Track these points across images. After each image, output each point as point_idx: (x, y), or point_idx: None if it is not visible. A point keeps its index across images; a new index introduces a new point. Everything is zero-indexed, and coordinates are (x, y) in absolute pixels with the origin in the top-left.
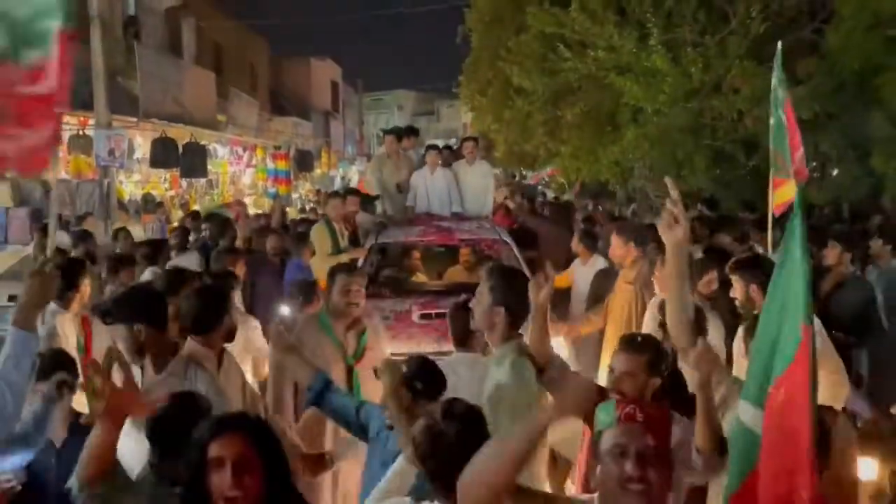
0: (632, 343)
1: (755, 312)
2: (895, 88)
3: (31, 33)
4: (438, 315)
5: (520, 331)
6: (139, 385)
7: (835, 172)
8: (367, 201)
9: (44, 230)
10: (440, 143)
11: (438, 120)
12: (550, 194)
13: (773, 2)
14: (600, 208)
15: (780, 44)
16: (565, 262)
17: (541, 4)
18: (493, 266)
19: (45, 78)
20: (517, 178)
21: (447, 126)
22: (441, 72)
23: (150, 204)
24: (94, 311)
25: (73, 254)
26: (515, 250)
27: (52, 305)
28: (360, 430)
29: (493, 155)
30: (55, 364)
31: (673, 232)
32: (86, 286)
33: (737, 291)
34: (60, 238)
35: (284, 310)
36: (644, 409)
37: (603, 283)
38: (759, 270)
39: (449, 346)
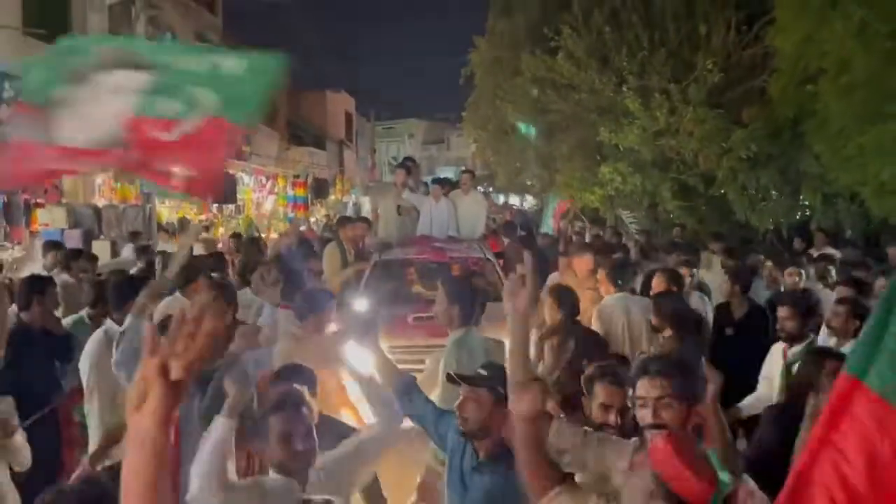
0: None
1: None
2: (819, 134)
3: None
4: (429, 318)
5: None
6: None
7: (773, 202)
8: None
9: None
10: (451, 174)
11: (448, 148)
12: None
13: (734, 53)
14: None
15: None
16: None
17: (533, 52)
18: (448, 277)
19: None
20: (513, 206)
21: (456, 154)
22: (451, 102)
23: (185, 227)
24: None
25: (138, 265)
26: (497, 266)
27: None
28: (440, 440)
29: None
30: None
31: (515, 299)
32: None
33: None
34: (126, 254)
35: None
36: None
37: None
38: None
39: (435, 341)
